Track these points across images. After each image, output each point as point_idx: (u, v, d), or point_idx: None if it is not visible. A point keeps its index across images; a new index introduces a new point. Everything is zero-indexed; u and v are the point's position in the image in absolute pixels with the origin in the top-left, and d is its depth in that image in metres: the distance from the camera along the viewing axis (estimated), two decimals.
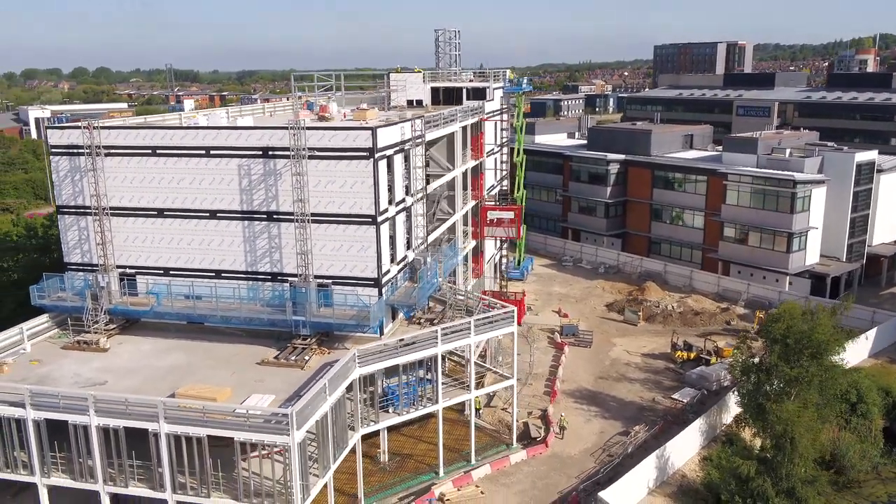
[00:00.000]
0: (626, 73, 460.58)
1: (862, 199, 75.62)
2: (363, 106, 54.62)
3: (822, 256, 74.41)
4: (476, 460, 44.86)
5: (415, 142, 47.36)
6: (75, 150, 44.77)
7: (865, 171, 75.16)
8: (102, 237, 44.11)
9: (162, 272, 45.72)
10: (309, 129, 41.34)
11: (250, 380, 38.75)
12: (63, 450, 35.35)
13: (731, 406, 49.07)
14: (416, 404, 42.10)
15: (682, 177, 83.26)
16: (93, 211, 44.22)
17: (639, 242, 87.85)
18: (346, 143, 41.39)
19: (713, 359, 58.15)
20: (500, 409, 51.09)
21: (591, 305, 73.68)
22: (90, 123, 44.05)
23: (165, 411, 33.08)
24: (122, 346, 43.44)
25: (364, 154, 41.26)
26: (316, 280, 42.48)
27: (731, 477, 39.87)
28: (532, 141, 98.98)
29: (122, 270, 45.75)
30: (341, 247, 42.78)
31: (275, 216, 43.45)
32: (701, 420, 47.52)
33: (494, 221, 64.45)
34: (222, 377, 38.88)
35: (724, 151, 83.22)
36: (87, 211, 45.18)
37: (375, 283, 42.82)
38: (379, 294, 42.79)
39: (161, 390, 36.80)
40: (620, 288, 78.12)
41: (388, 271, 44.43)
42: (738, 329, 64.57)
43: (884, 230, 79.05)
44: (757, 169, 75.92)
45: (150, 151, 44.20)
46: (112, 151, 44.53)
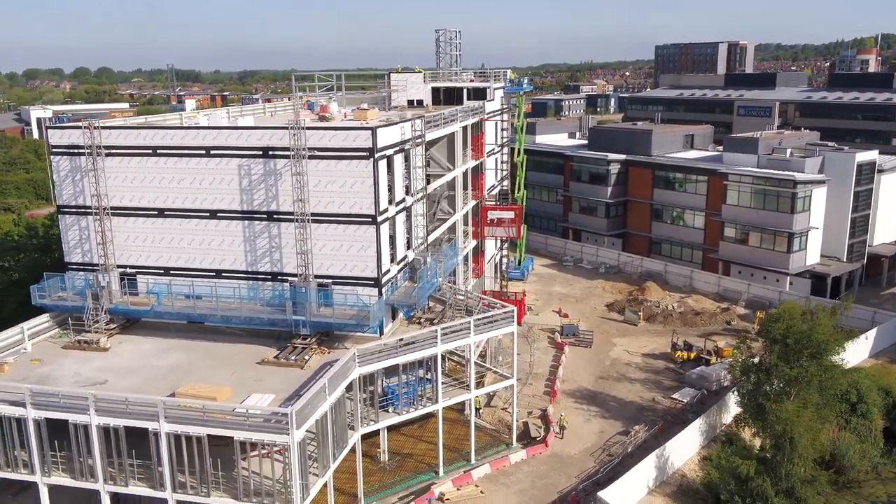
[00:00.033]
0: (628, 73, 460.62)
1: (862, 199, 75.60)
2: (364, 106, 54.71)
3: (822, 256, 74.42)
4: (476, 460, 44.91)
5: (415, 142, 47.41)
6: (76, 150, 44.88)
7: (866, 171, 75.14)
8: (103, 237, 44.20)
9: (162, 272, 45.82)
10: (309, 129, 41.41)
11: (250, 379, 38.84)
12: (63, 449, 35.43)
13: (731, 406, 49.08)
14: (416, 404, 42.16)
15: (682, 177, 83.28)
16: (93, 211, 44.31)
17: (639, 242, 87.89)
18: (346, 143, 41.46)
19: (713, 359, 58.17)
20: (500, 409, 51.13)
21: (591, 305, 73.72)
22: (91, 123, 44.14)
23: (165, 410, 33.18)
24: (123, 345, 43.55)
25: (364, 154, 41.32)
26: (316, 280, 42.54)
27: (730, 477, 39.89)
28: (533, 141, 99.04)
29: (122, 270, 45.84)
30: (341, 247, 42.84)
31: (275, 216, 43.53)
32: (701, 420, 47.54)
33: (495, 221, 64.47)
34: (222, 377, 38.96)
35: (724, 151, 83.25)
36: (88, 211, 45.29)
37: (375, 282, 42.88)
38: (379, 294, 42.86)
39: (161, 390, 36.89)
40: (621, 288, 78.14)
41: (388, 271, 44.49)
42: (739, 329, 64.58)
43: (884, 230, 79.03)
44: (757, 169, 75.92)
45: (150, 151, 44.30)
46: (113, 151, 44.65)
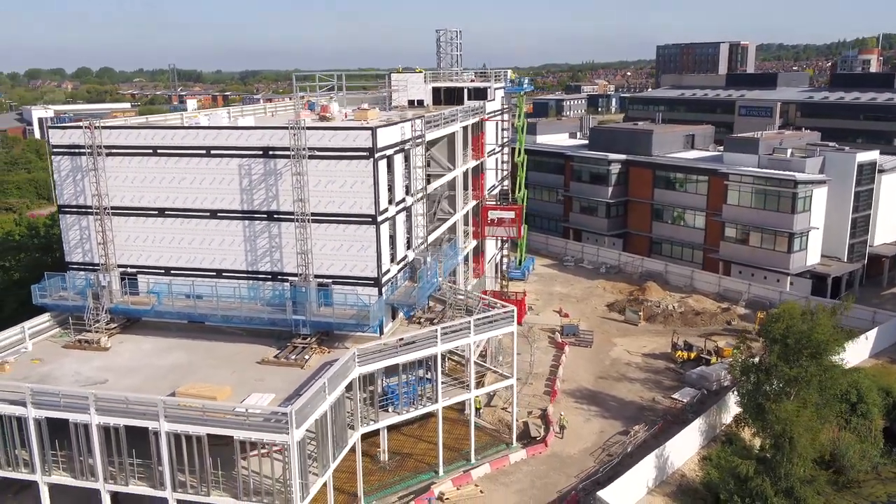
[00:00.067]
0: (629, 73, 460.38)
1: (863, 200, 75.56)
2: (364, 106, 54.79)
3: (823, 257, 74.38)
4: (476, 459, 44.94)
5: (415, 142, 47.46)
6: (77, 150, 44.96)
7: (867, 171, 75.10)
8: (104, 237, 44.29)
9: (163, 271, 45.90)
10: (309, 128, 41.48)
11: (250, 379, 38.92)
12: (64, 448, 35.56)
13: (731, 406, 49.08)
14: (416, 403, 42.22)
15: (683, 177, 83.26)
16: (94, 210, 44.39)
17: (640, 242, 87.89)
18: (347, 143, 41.52)
19: (713, 359, 58.17)
20: (500, 409, 51.15)
21: (592, 305, 73.73)
22: (91, 123, 44.23)
23: (166, 410, 33.28)
24: (123, 345, 43.64)
25: (364, 154, 41.38)
26: (316, 279, 42.61)
27: (730, 476, 39.91)
28: (533, 141, 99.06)
29: (123, 270, 45.94)
30: (341, 246, 42.91)
31: (275, 216, 43.60)
32: (700, 420, 47.55)
33: (495, 221, 64.48)
34: (223, 376, 39.05)
35: (725, 151, 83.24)
36: (89, 210, 45.38)
37: (375, 282, 42.94)
38: (379, 293, 42.91)
39: (162, 389, 36.97)
40: (621, 288, 78.14)
41: (388, 271, 44.54)
42: (739, 329, 64.53)
43: (885, 230, 79.00)
44: (758, 169, 75.88)
45: (150, 151, 44.39)
46: (113, 151, 44.74)
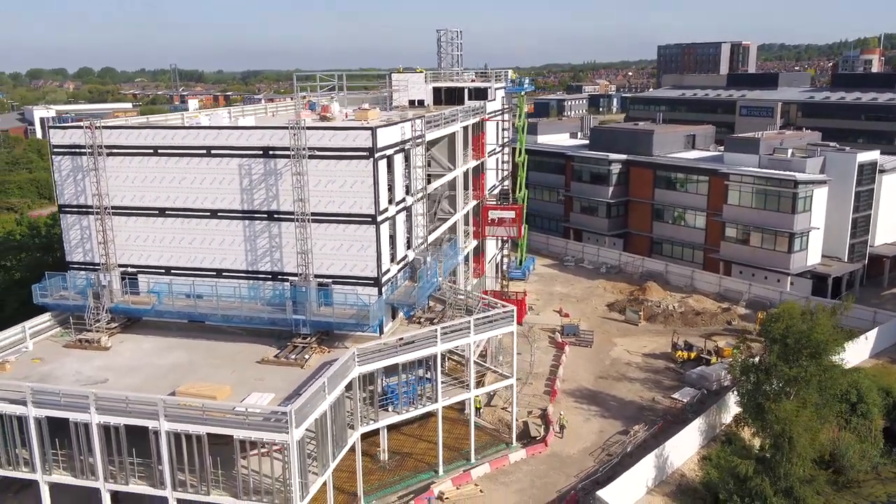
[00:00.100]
0: (631, 73, 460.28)
1: (864, 200, 75.55)
2: (365, 106, 54.86)
3: (823, 257, 74.36)
4: (475, 459, 44.99)
5: (415, 142, 47.50)
6: (77, 150, 45.05)
7: (867, 171, 75.08)
8: (104, 236, 44.36)
9: (163, 271, 45.97)
10: (309, 128, 41.53)
11: (250, 378, 38.98)
12: (64, 447, 35.63)
13: (731, 406, 49.10)
14: (416, 403, 42.27)
15: (683, 177, 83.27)
16: (95, 210, 44.46)
17: (640, 242, 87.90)
18: (346, 143, 41.57)
19: (713, 359, 58.18)
20: (500, 409, 51.19)
21: (592, 305, 73.76)
22: (92, 123, 44.31)
23: (166, 409, 33.35)
24: (124, 344, 43.72)
25: (364, 154, 41.43)
26: (316, 279, 42.65)
27: (729, 476, 39.94)
28: (534, 141, 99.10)
29: (123, 269, 46.01)
30: (341, 246, 42.96)
31: (275, 216, 43.66)
32: (700, 419, 47.56)
33: (496, 221, 64.53)
34: (223, 375, 39.11)
35: (725, 152, 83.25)
36: (89, 210, 45.45)
37: (375, 282, 42.99)
38: (379, 293, 42.96)
39: (162, 388, 37.04)
40: (622, 288, 78.16)
41: (388, 270, 44.59)
42: (740, 329, 64.54)
43: (886, 230, 78.98)
44: (759, 169, 75.87)
45: (151, 151, 44.46)
46: (114, 151, 44.82)
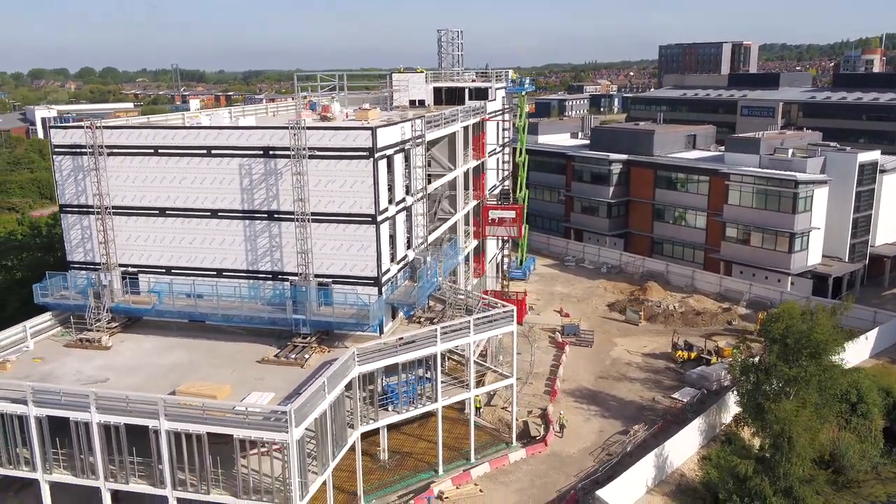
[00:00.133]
0: (632, 73, 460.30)
1: (864, 200, 75.54)
2: (365, 106, 54.92)
3: (824, 257, 74.35)
4: (475, 459, 45.04)
5: (415, 141, 47.55)
6: (78, 150, 45.14)
7: (868, 171, 75.05)
8: (105, 236, 44.44)
9: (164, 271, 46.06)
10: (309, 128, 41.59)
11: (251, 378, 39.04)
12: (65, 446, 35.70)
13: (731, 405, 49.11)
14: (416, 403, 42.32)
15: (684, 177, 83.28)
16: (95, 210, 44.54)
17: (641, 242, 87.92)
18: (346, 143, 41.63)
19: (714, 359, 58.20)
20: (500, 408, 51.23)
21: (592, 305, 73.79)
22: (93, 123, 44.39)
23: (166, 408, 33.42)
24: (124, 344, 43.80)
25: (364, 154, 41.49)
26: (316, 279, 42.71)
27: (729, 476, 39.96)
28: (535, 141, 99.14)
29: (124, 269, 46.06)
30: (341, 246, 43.02)
31: (275, 215, 43.73)
32: (700, 419, 47.58)
33: (496, 221, 64.56)
34: (223, 375, 39.18)
35: (726, 152, 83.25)
36: (90, 210, 45.51)
37: (375, 282, 43.04)
38: (379, 293, 43.02)
39: (162, 388, 37.10)
40: (622, 288, 78.18)
41: (388, 270, 44.64)
42: (740, 329, 64.57)
43: (886, 230, 78.98)
44: (759, 169, 75.88)
45: (151, 151, 44.54)
46: (114, 151, 44.90)
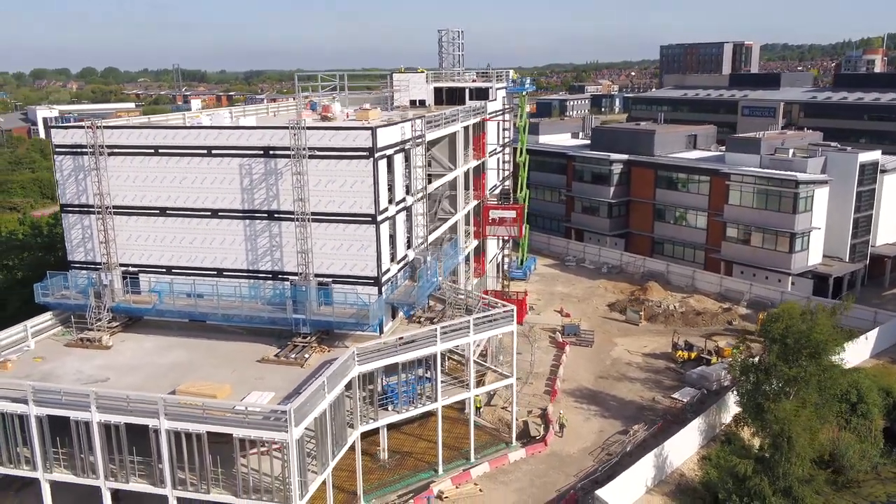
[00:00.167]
0: (633, 73, 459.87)
1: (865, 200, 75.49)
2: (366, 106, 54.99)
3: (824, 257, 74.32)
4: (475, 458, 45.08)
5: (415, 141, 47.60)
6: (79, 150, 45.23)
7: (869, 171, 75.01)
8: (105, 236, 44.52)
9: (164, 270, 46.13)
10: (309, 128, 41.65)
11: (251, 377, 39.11)
12: (65, 446, 35.80)
13: (731, 405, 49.11)
14: (416, 402, 42.37)
15: (685, 177, 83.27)
16: (96, 210, 44.63)
17: (642, 242, 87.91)
18: (346, 143, 41.69)
19: (714, 359, 58.21)
20: (499, 408, 51.27)
21: (593, 305, 73.81)
22: (93, 123, 44.47)
23: (166, 408, 33.50)
24: (125, 343, 43.88)
25: (364, 154, 41.55)
26: (316, 279, 42.77)
27: (728, 476, 39.98)
28: (536, 141, 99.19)
29: (124, 269, 46.14)
30: (341, 246, 43.08)
31: (275, 215, 43.80)
32: (700, 419, 47.59)
33: (497, 221, 64.62)
34: (223, 374, 39.24)
35: (727, 152, 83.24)
36: (91, 210, 45.59)
37: (375, 281, 43.10)
38: (378, 293, 43.07)
39: (162, 387, 37.18)
40: (623, 288, 78.19)
41: (388, 270, 44.70)
42: (740, 329, 64.56)
43: (887, 230, 78.93)
44: (760, 169, 75.86)
45: (152, 151, 44.62)
46: (115, 151, 44.99)
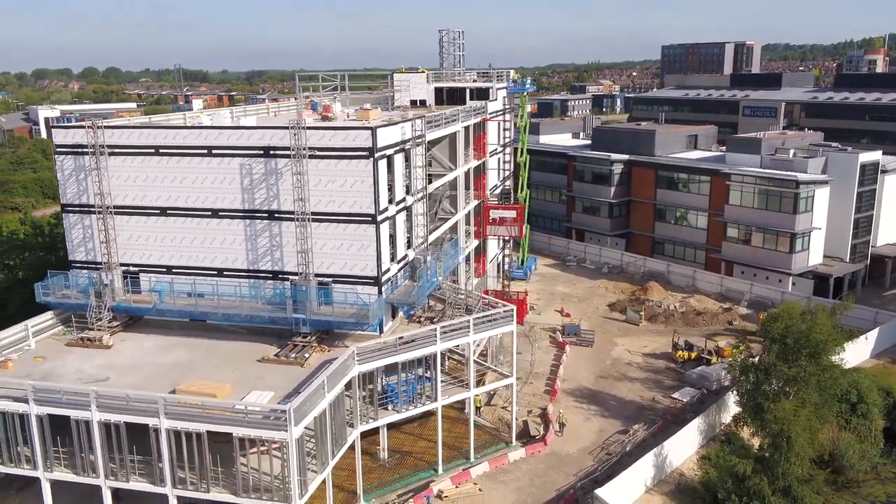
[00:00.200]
0: (635, 73, 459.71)
1: (866, 200, 75.44)
2: (366, 106, 55.09)
3: (825, 257, 74.29)
4: (475, 458, 45.13)
5: (415, 141, 47.66)
6: (80, 150, 45.33)
7: (869, 171, 74.96)
8: (106, 235, 44.61)
9: (165, 270, 46.22)
10: (309, 128, 41.72)
11: (251, 377, 39.19)
12: (65, 445, 35.90)
13: (730, 405, 49.12)
14: (416, 402, 42.43)
15: (685, 177, 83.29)
16: (97, 209, 44.73)
17: (642, 242, 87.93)
18: (346, 143, 41.76)
19: (714, 358, 58.23)
20: (499, 408, 51.32)
21: (593, 305, 73.85)
22: (94, 123, 44.57)
23: (166, 407, 33.58)
24: (125, 342, 43.98)
25: (364, 153, 41.62)
26: (316, 278, 42.84)
27: (727, 475, 40.01)
28: (537, 141, 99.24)
29: (125, 268, 46.25)
30: (341, 245, 43.16)
31: (276, 215, 43.88)
32: (700, 419, 47.62)
33: (497, 220, 64.74)
34: (223, 374, 39.33)
35: (727, 152, 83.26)
36: (92, 209, 45.68)
37: (375, 281, 43.16)
38: (378, 292, 43.13)
39: (163, 387, 37.26)
40: (623, 288, 78.21)
41: (388, 270, 44.76)
42: (741, 329, 64.58)
43: (888, 231, 78.89)
44: (760, 169, 75.86)
45: (153, 151, 44.72)
46: (116, 151, 45.09)
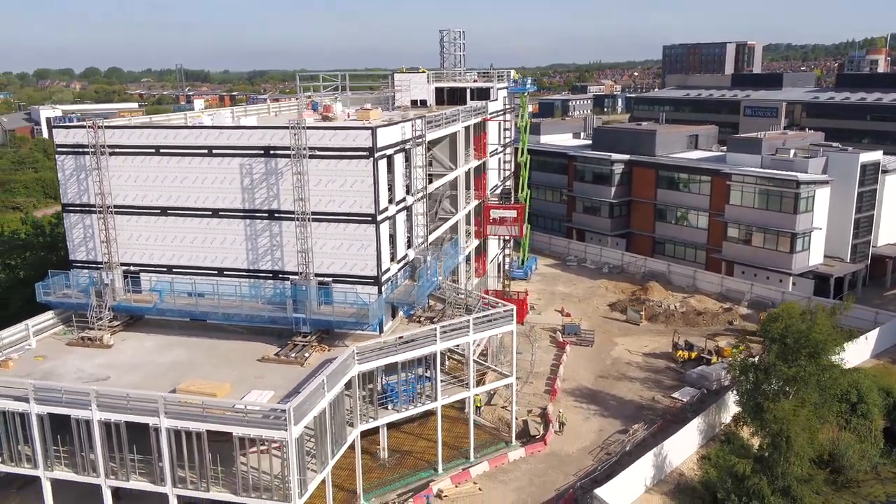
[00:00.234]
0: (636, 73, 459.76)
1: (866, 200, 75.42)
2: (367, 106, 55.16)
3: (825, 257, 74.28)
4: (475, 457, 45.19)
5: (415, 141, 47.71)
6: (80, 150, 45.41)
7: (870, 171, 74.95)
8: (107, 235, 44.70)
9: (165, 270, 46.30)
10: (309, 128, 41.78)
11: (251, 376, 39.26)
12: (66, 444, 35.98)
13: (730, 405, 49.14)
14: (416, 401, 42.49)
15: (686, 177, 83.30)
16: (97, 209, 44.81)
17: (643, 242, 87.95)
18: (347, 143, 41.82)
19: (714, 358, 58.24)
20: (499, 407, 51.36)
21: (594, 305, 73.87)
22: (95, 123, 44.65)
23: (166, 406, 33.65)
24: (126, 342, 44.06)
25: (364, 153, 41.67)
26: (316, 278, 42.90)
27: (727, 475, 40.06)
28: (537, 141, 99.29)
29: (126, 268, 46.33)
30: (341, 245, 43.22)
31: (276, 215, 43.94)
32: (699, 419, 47.64)
33: (497, 220, 64.81)
34: (223, 373, 39.39)
35: (728, 152, 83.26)
36: (92, 209, 45.76)
37: (375, 281, 43.22)
38: (378, 292, 43.19)
39: (163, 386, 37.34)
40: (624, 288, 78.23)
41: (388, 269, 44.81)
42: (741, 329, 64.59)
43: (888, 231, 78.87)
44: (761, 169, 75.86)
45: (153, 151, 44.79)
46: (116, 151, 45.18)
